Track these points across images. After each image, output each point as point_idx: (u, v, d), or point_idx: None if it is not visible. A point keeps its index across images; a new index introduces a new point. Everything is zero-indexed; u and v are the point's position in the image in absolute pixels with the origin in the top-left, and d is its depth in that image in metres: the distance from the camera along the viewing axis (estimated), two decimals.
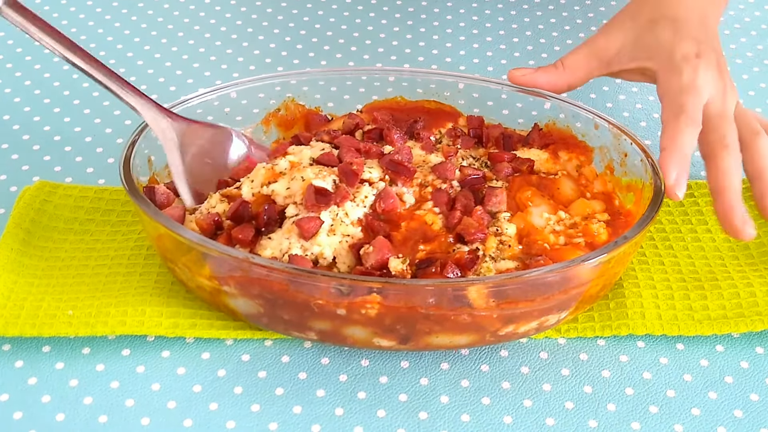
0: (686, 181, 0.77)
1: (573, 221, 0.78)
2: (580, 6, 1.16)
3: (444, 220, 0.76)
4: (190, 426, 0.69)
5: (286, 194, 0.77)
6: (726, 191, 0.78)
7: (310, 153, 0.80)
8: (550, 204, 0.79)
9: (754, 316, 0.76)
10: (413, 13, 1.14)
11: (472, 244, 0.74)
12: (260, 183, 0.78)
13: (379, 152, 0.81)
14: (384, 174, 0.79)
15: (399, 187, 0.79)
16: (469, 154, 0.84)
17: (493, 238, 0.75)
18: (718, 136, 0.80)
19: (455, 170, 0.80)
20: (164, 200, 0.78)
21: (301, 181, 0.77)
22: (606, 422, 0.70)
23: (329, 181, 0.77)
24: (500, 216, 0.77)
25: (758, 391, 0.73)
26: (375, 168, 0.79)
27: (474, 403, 0.71)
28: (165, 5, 1.15)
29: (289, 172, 0.78)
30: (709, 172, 0.79)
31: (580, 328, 0.76)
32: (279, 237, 0.75)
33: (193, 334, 0.74)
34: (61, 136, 0.95)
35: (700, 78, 0.82)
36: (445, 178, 0.80)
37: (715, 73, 0.83)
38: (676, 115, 0.80)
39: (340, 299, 0.70)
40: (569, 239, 0.76)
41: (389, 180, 0.79)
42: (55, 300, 0.76)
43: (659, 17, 0.86)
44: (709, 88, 0.82)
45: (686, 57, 0.83)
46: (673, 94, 0.81)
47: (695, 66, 0.82)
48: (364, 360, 0.74)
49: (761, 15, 1.16)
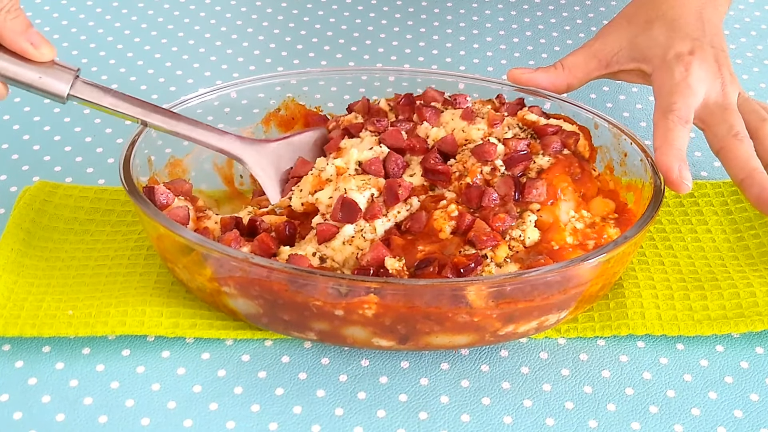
0: (689, 174, 0.78)
1: (593, 221, 0.77)
2: (580, 6, 1.16)
3: (454, 224, 0.75)
4: (190, 426, 0.69)
5: (328, 203, 0.77)
6: (752, 176, 0.78)
7: (356, 155, 0.79)
8: (577, 201, 0.78)
9: (754, 316, 0.76)
10: (413, 13, 1.14)
11: (482, 250, 0.74)
12: (308, 192, 0.78)
13: (423, 148, 0.81)
14: (422, 180, 0.79)
15: (438, 190, 0.78)
16: (515, 123, 0.82)
17: (504, 246, 0.74)
18: (726, 127, 0.80)
19: (495, 150, 0.78)
20: (164, 200, 0.78)
21: (343, 193, 0.77)
22: (606, 422, 0.70)
23: (367, 195, 0.76)
24: (527, 217, 0.75)
25: (758, 391, 0.73)
26: (417, 172, 0.79)
27: (474, 403, 0.71)
28: (165, 5, 1.15)
29: (335, 179, 0.78)
30: (728, 164, 0.79)
31: (580, 328, 0.76)
32: (302, 243, 0.76)
33: (193, 335, 0.74)
34: (61, 136, 0.95)
35: (692, 76, 0.82)
36: (485, 161, 0.78)
37: (712, 68, 0.83)
38: (665, 113, 0.81)
39: (338, 300, 0.70)
40: (584, 240, 0.76)
41: (428, 185, 0.79)
42: (55, 300, 0.76)
43: (656, 18, 0.87)
44: (703, 86, 0.82)
45: (679, 55, 0.83)
46: (664, 94, 0.82)
47: (688, 63, 0.83)
48: (364, 360, 0.74)
49: (761, 15, 1.16)
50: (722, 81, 0.83)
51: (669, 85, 0.82)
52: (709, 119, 0.82)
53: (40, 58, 0.75)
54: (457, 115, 0.83)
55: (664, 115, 0.81)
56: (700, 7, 0.88)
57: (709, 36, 0.85)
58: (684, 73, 0.82)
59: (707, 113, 0.82)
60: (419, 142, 0.81)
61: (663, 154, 0.78)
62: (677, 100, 0.81)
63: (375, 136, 0.82)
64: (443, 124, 0.83)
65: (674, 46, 0.84)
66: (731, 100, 0.83)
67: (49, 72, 0.76)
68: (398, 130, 0.81)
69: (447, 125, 0.83)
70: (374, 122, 0.83)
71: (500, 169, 0.78)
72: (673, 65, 0.83)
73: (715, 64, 0.83)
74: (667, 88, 0.82)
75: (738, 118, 0.81)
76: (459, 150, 0.80)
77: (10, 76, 0.75)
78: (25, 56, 0.75)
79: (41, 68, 0.76)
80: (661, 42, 0.85)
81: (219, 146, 0.81)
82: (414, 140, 0.81)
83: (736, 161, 0.79)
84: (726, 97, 0.82)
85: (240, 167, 0.87)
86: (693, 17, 0.87)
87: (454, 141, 0.81)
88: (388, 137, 0.81)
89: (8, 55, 0.75)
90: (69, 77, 0.76)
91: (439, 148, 0.80)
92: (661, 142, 0.79)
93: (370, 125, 0.83)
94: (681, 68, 0.83)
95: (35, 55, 0.75)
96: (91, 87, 0.78)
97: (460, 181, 0.78)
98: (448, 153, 0.80)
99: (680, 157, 0.78)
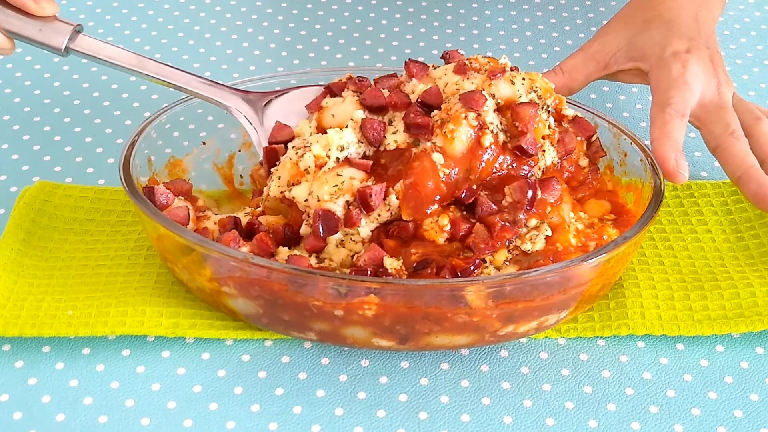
0: (686, 164, 0.78)
1: (591, 221, 0.78)
2: (580, 6, 1.16)
3: (449, 232, 0.74)
4: (190, 426, 0.69)
5: (304, 204, 0.76)
6: (749, 173, 0.79)
7: (338, 140, 0.76)
8: (573, 203, 0.78)
9: (754, 316, 0.76)
10: (413, 14, 1.14)
11: (480, 255, 0.73)
12: (286, 181, 0.77)
13: (405, 103, 0.77)
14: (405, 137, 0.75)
15: (421, 145, 0.75)
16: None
17: (503, 251, 0.73)
18: (722, 125, 0.81)
19: (485, 102, 0.75)
20: (164, 200, 0.78)
21: (316, 201, 0.75)
22: (606, 422, 0.70)
23: (342, 202, 0.74)
24: (542, 230, 0.74)
25: (758, 391, 0.73)
26: (399, 128, 0.76)
27: (474, 403, 0.71)
28: (165, 5, 1.15)
29: (313, 175, 0.76)
30: (725, 162, 0.80)
31: (580, 328, 0.76)
32: (298, 249, 0.76)
33: (193, 335, 0.74)
34: (61, 136, 0.95)
35: (689, 72, 0.83)
36: (471, 108, 0.75)
37: (708, 67, 0.84)
38: (662, 107, 0.81)
39: (338, 300, 0.70)
40: (586, 241, 0.75)
41: (412, 141, 0.75)
42: (55, 300, 0.76)
43: (653, 18, 0.88)
44: (699, 83, 0.83)
45: (676, 53, 0.84)
46: (661, 90, 0.83)
47: (685, 61, 0.83)
48: (364, 360, 0.74)
49: (761, 15, 1.16)
50: (717, 80, 0.84)
51: (666, 81, 0.83)
52: (705, 117, 0.82)
53: (41, 13, 0.79)
54: (449, 69, 0.80)
55: (661, 109, 0.81)
56: (696, 9, 0.89)
57: (704, 37, 0.87)
58: (681, 70, 0.83)
59: (703, 111, 0.83)
60: (401, 97, 0.78)
61: (660, 145, 0.79)
62: (674, 94, 0.82)
63: (357, 95, 0.80)
64: (435, 80, 0.79)
65: (671, 45, 0.85)
66: (727, 99, 0.83)
67: (49, 26, 0.79)
68: (377, 89, 0.78)
69: (439, 80, 0.79)
70: (356, 81, 0.81)
71: (489, 126, 0.75)
72: (671, 62, 0.84)
73: (710, 63, 0.84)
74: (665, 84, 0.83)
75: (734, 116, 0.82)
76: (445, 100, 0.77)
77: (14, 30, 0.79)
78: (27, 10, 0.79)
79: (42, 22, 0.79)
80: (659, 41, 0.86)
81: (207, 95, 0.82)
82: (395, 96, 0.78)
83: (733, 159, 0.80)
84: (721, 96, 0.83)
85: (240, 167, 0.87)
86: (689, 18, 0.88)
87: (438, 92, 0.77)
88: (368, 96, 0.78)
89: (11, 10, 0.79)
90: (68, 31, 0.80)
91: (423, 100, 0.77)
92: (658, 134, 0.80)
93: (352, 84, 0.81)
94: (678, 65, 0.83)
95: (36, 9, 0.79)
96: (90, 40, 0.81)
97: (443, 129, 0.75)
98: (432, 105, 0.77)
99: (676, 148, 0.79)
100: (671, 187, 0.87)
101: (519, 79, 0.78)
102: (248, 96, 0.84)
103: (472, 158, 0.75)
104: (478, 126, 0.75)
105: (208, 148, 0.87)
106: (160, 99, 0.99)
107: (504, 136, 0.77)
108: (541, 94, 0.79)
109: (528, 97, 0.78)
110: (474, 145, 0.75)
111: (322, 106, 0.80)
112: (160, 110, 0.84)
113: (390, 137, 0.77)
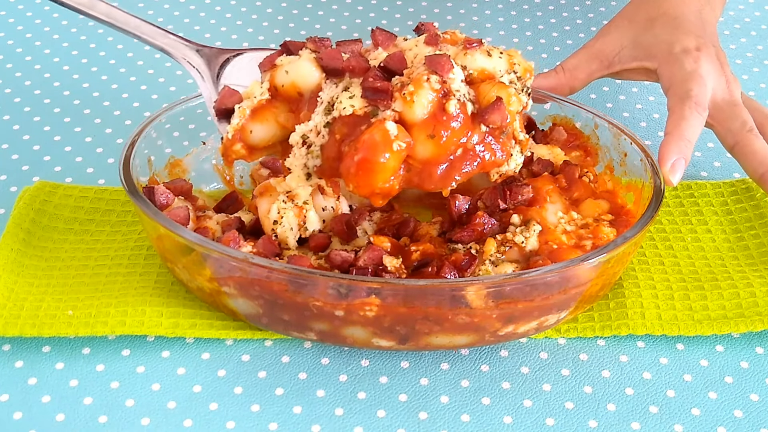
0: (683, 168, 0.78)
1: (585, 222, 0.77)
2: (580, 6, 1.16)
3: (441, 226, 0.77)
4: (190, 426, 0.69)
5: (272, 226, 0.76)
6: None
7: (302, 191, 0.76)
8: (564, 203, 0.78)
9: (754, 316, 0.76)
10: (413, 14, 1.14)
11: (466, 245, 0.74)
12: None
13: (364, 68, 0.72)
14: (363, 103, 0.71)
15: (380, 114, 0.70)
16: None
17: (492, 241, 0.74)
18: (739, 123, 0.81)
19: (452, 68, 0.70)
20: (164, 200, 0.78)
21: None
22: (606, 422, 0.70)
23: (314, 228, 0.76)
24: (531, 227, 0.75)
25: (758, 391, 0.73)
26: (356, 94, 0.72)
27: (474, 403, 0.71)
28: (165, 5, 1.15)
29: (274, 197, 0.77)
30: (745, 159, 0.80)
31: (580, 328, 0.76)
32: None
33: (193, 334, 0.74)
34: (61, 136, 0.95)
35: (702, 68, 0.82)
36: (434, 72, 0.70)
37: (716, 65, 0.84)
38: (682, 100, 0.80)
39: (339, 301, 0.70)
40: (579, 240, 0.75)
41: (371, 110, 0.70)
42: (55, 300, 0.76)
43: (657, 16, 0.87)
44: (711, 80, 0.82)
45: (686, 50, 0.84)
46: (678, 82, 0.82)
47: (696, 57, 0.83)
48: (364, 360, 0.74)
49: (761, 15, 1.16)
50: (726, 78, 0.83)
51: (681, 74, 0.82)
52: (718, 115, 0.82)
53: None
54: (421, 41, 0.75)
55: (681, 100, 0.80)
56: (699, 8, 0.88)
57: (709, 35, 0.86)
58: (694, 65, 0.82)
59: (716, 109, 0.82)
60: (360, 62, 0.73)
61: (667, 143, 0.78)
62: (693, 87, 0.81)
63: (314, 54, 0.75)
64: (405, 51, 0.74)
65: (680, 41, 0.84)
66: (738, 97, 0.83)
67: None
68: (337, 50, 0.74)
69: (408, 52, 0.74)
70: (315, 41, 0.76)
71: (455, 94, 0.71)
72: (682, 58, 0.83)
73: (718, 62, 0.84)
74: (680, 77, 0.82)
75: (748, 113, 0.82)
76: (410, 68, 0.73)
77: None
78: None
79: None
80: (666, 38, 0.85)
81: (157, 43, 0.80)
82: (353, 60, 0.73)
83: (755, 156, 0.79)
84: (732, 94, 0.83)
85: (240, 167, 0.87)
86: (694, 16, 0.87)
87: (402, 58, 0.72)
88: (325, 56, 0.73)
89: None
90: None
91: (385, 65, 0.72)
92: (673, 128, 0.79)
93: (311, 43, 0.76)
94: (690, 60, 0.83)
95: None
96: None
97: (402, 92, 0.70)
98: (394, 71, 0.72)
99: (684, 150, 0.78)
100: (671, 187, 0.87)
101: (497, 53, 0.75)
102: (203, 50, 0.81)
103: (436, 124, 0.71)
104: (443, 92, 0.71)
105: (208, 148, 0.87)
106: (160, 99, 0.99)
107: (473, 107, 0.73)
108: (521, 75, 0.75)
109: (508, 77, 0.74)
110: (437, 111, 0.71)
111: (276, 63, 0.76)
112: (160, 110, 0.84)
113: (345, 101, 0.72)
